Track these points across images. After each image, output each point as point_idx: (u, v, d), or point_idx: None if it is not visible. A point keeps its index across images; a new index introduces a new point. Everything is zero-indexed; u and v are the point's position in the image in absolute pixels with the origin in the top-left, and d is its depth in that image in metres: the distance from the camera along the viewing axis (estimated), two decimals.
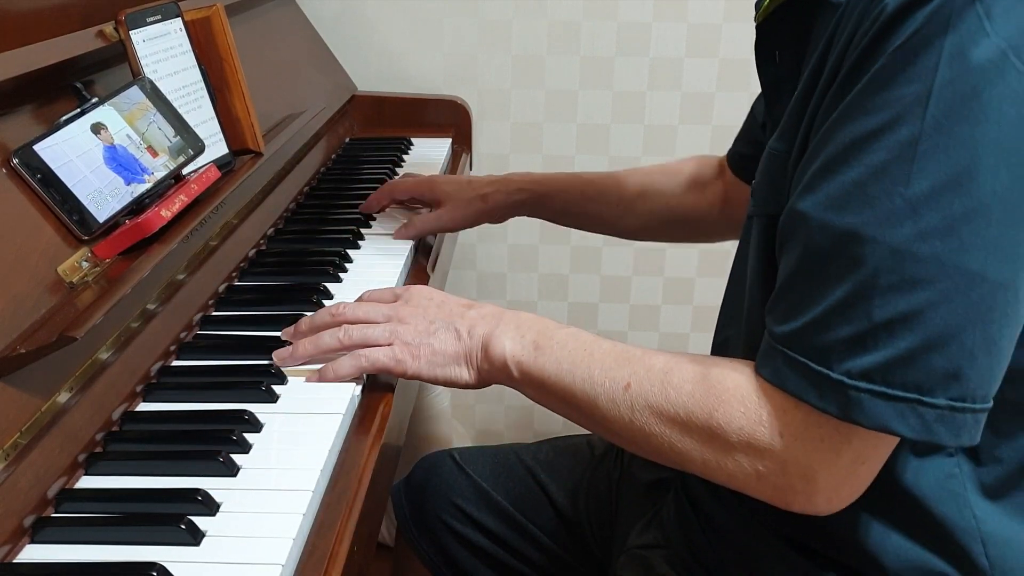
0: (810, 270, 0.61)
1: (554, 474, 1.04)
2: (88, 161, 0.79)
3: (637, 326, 1.86)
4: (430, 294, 0.82)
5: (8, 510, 0.60)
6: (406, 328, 0.78)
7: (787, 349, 0.62)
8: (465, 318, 0.78)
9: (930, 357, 0.57)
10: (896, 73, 0.57)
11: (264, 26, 1.37)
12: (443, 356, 0.77)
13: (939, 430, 0.58)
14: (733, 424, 0.64)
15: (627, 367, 0.70)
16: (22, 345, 0.65)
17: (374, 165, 1.41)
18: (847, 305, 0.58)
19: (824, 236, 0.59)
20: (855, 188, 0.58)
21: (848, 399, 0.58)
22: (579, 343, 0.74)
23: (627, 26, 1.65)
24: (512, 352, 0.75)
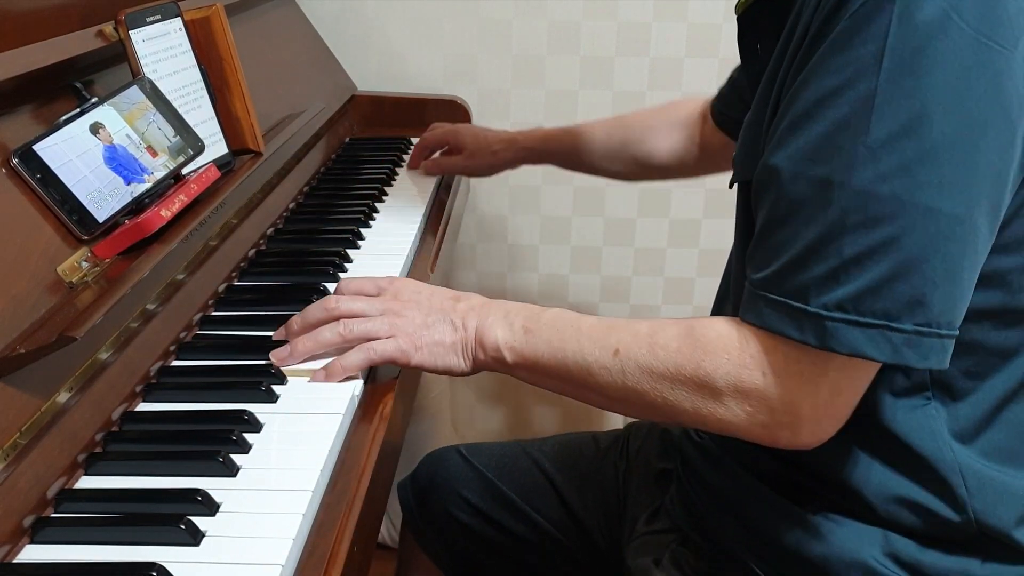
0: (784, 217, 0.66)
1: (560, 466, 1.04)
2: (88, 161, 0.79)
3: None
4: (416, 287, 0.85)
5: (8, 510, 0.60)
6: (405, 321, 0.81)
7: (767, 292, 0.67)
8: (457, 311, 0.82)
9: (896, 286, 0.62)
10: (853, 35, 0.62)
11: (264, 26, 1.37)
12: (442, 347, 0.81)
13: (907, 353, 0.63)
14: (720, 371, 0.68)
15: (614, 335, 0.74)
16: (22, 345, 0.65)
17: (374, 165, 1.41)
18: (820, 244, 0.64)
19: (796, 185, 0.65)
20: (822, 140, 0.64)
21: (824, 329, 0.64)
22: (565, 321, 0.78)
23: (627, 26, 1.65)
24: (504, 339, 0.79)
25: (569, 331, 0.77)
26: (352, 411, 0.78)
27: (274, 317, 0.91)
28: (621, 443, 1.05)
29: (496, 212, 1.78)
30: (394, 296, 0.84)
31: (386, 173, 1.38)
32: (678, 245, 1.79)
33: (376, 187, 1.30)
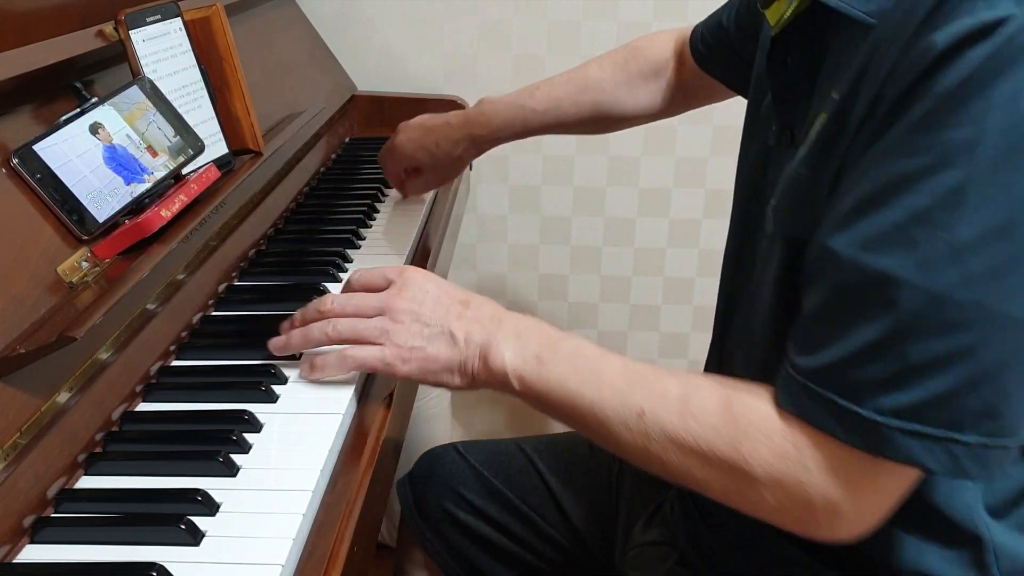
0: (840, 307, 0.59)
1: (553, 467, 1.04)
2: (88, 161, 0.79)
3: (637, 326, 1.86)
4: (425, 283, 0.78)
5: (8, 510, 0.60)
6: (398, 329, 0.75)
7: (812, 383, 0.60)
8: (462, 319, 0.75)
9: (965, 398, 0.56)
10: (944, 115, 0.55)
11: (264, 26, 1.37)
12: (436, 363, 0.74)
13: (969, 466, 0.57)
14: (758, 458, 0.62)
15: (640, 391, 0.67)
16: (22, 345, 0.65)
17: (374, 165, 1.41)
18: (880, 346, 0.57)
19: (856, 275, 0.58)
20: (893, 230, 0.56)
21: (877, 435, 0.58)
22: (585, 360, 0.71)
23: (627, 26, 1.65)
24: (513, 364, 0.72)
25: (588, 374, 0.69)
26: (352, 411, 0.78)
27: (274, 317, 0.90)
28: None
29: (496, 212, 1.78)
30: (399, 292, 0.77)
31: None
32: (678, 245, 1.79)
33: (376, 187, 1.30)
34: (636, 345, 1.87)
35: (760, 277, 0.75)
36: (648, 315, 1.85)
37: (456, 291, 0.78)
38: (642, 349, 1.88)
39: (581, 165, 1.75)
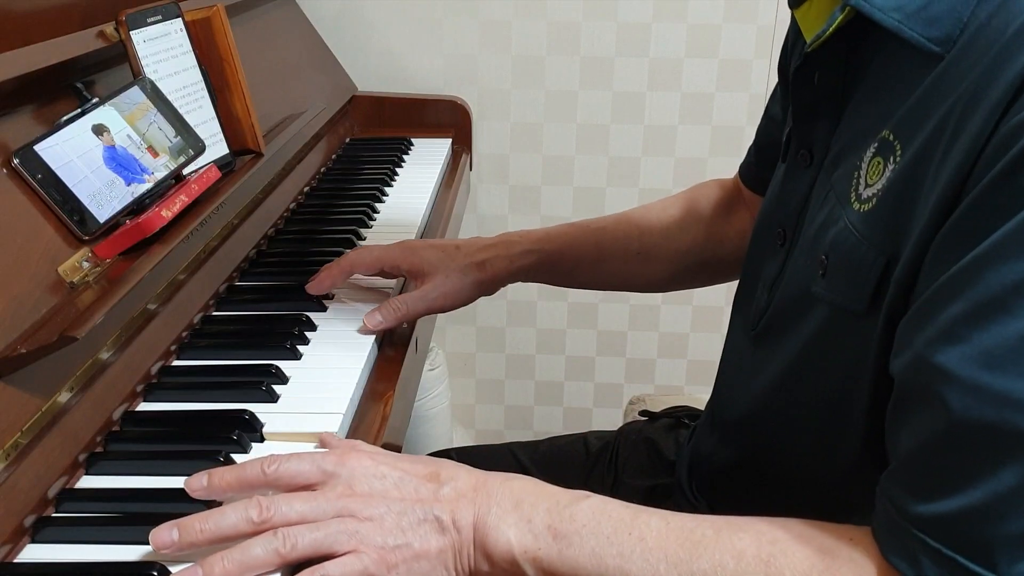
0: (960, 441, 0.48)
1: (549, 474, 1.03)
2: (89, 161, 0.79)
3: (637, 326, 1.86)
4: (375, 467, 0.61)
5: (8, 510, 0.60)
6: (370, 526, 0.58)
7: (929, 537, 0.50)
8: (440, 499, 0.60)
9: None
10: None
11: (264, 26, 1.37)
12: (427, 559, 0.59)
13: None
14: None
15: (705, 556, 0.55)
16: (23, 345, 0.65)
17: (374, 165, 1.42)
18: (1019, 493, 0.47)
19: (982, 402, 0.47)
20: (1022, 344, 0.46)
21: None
22: (616, 523, 0.58)
23: (627, 26, 1.65)
24: (522, 545, 0.58)
25: (627, 540, 0.57)
26: (352, 411, 0.78)
27: (275, 317, 0.91)
28: (611, 451, 1.01)
29: (496, 212, 1.78)
30: (348, 486, 0.60)
31: (386, 173, 1.38)
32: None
33: (376, 187, 1.31)
34: (636, 345, 1.88)
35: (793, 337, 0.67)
36: (648, 315, 1.85)
37: (415, 465, 0.63)
38: (642, 349, 1.88)
39: (581, 165, 1.75)
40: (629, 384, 1.91)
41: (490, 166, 1.75)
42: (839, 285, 0.61)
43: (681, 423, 1.03)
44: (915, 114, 0.55)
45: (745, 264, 0.81)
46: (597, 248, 0.96)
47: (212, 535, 0.57)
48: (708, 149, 1.73)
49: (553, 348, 1.89)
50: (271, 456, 0.61)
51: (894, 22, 0.56)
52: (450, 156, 1.55)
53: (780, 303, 0.72)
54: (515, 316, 1.85)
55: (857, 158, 0.61)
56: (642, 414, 1.09)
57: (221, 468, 0.62)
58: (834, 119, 0.67)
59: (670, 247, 0.98)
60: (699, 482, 0.86)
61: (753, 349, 0.76)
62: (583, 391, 1.93)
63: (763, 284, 0.75)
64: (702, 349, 1.86)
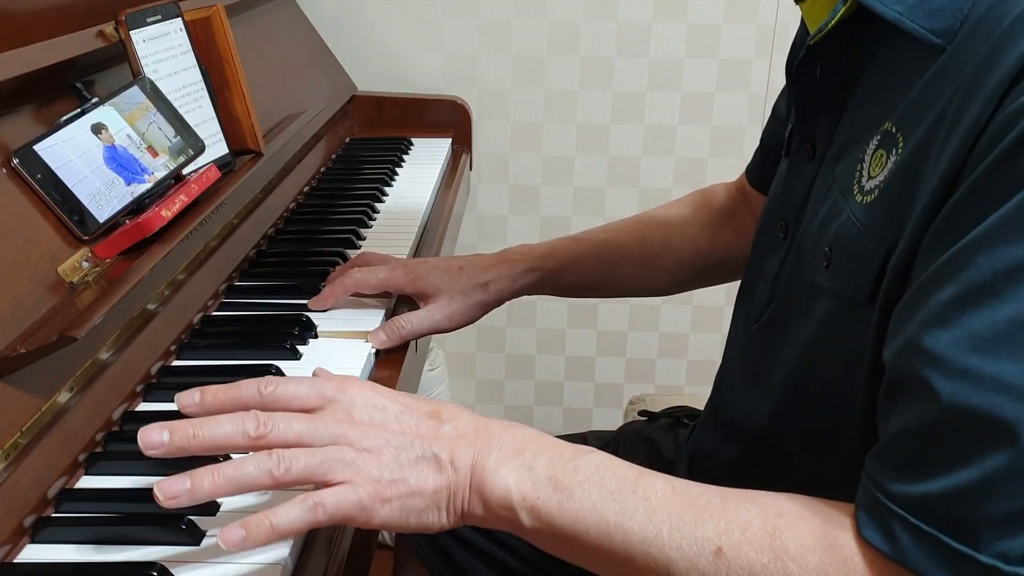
0: (946, 425, 0.48)
1: None
2: (88, 161, 0.79)
3: (637, 326, 1.86)
4: (377, 398, 0.61)
5: (8, 510, 0.60)
6: (367, 458, 0.57)
7: (910, 515, 0.49)
8: (440, 436, 0.59)
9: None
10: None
11: (264, 26, 1.37)
12: (421, 497, 0.57)
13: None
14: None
15: (710, 522, 0.54)
16: (22, 345, 0.65)
17: (374, 165, 1.42)
18: (1004, 474, 0.46)
19: (966, 385, 0.47)
20: (1013, 328, 0.46)
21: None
22: (619, 480, 0.57)
23: (627, 26, 1.65)
24: (520, 491, 0.57)
25: (631, 499, 0.55)
26: None
27: (275, 317, 0.91)
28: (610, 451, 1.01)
29: (496, 212, 1.78)
30: (347, 413, 0.59)
31: (386, 173, 1.38)
32: None
33: (376, 187, 1.31)
34: (636, 345, 1.88)
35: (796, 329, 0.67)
36: (648, 315, 1.85)
37: (417, 402, 0.62)
38: (642, 349, 1.88)
39: (581, 165, 1.75)
40: (629, 384, 1.91)
41: (490, 166, 1.75)
42: (842, 277, 0.61)
43: (680, 423, 1.02)
44: (917, 106, 0.55)
45: (749, 259, 0.81)
46: (599, 261, 0.96)
47: (204, 442, 0.56)
48: (708, 149, 1.72)
49: (553, 348, 1.89)
50: (268, 377, 0.61)
51: (895, 14, 0.56)
52: (450, 156, 1.55)
53: (782, 296, 0.72)
54: (515, 316, 1.85)
55: (860, 151, 0.61)
56: (641, 414, 1.09)
57: (216, 386, 0.60)
58: (836, 113, 0.67)
59: (673, 256, 0.98)
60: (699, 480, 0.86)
61: (755, 344, 0.76)
62: (583, 391, 1.93)
63: (765, 278, 0.76)
64: (702, 349, 1.86)
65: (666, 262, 0.98)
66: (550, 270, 0.94)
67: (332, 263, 1.03)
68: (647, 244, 0.98)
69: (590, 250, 0.96)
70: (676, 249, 0.98)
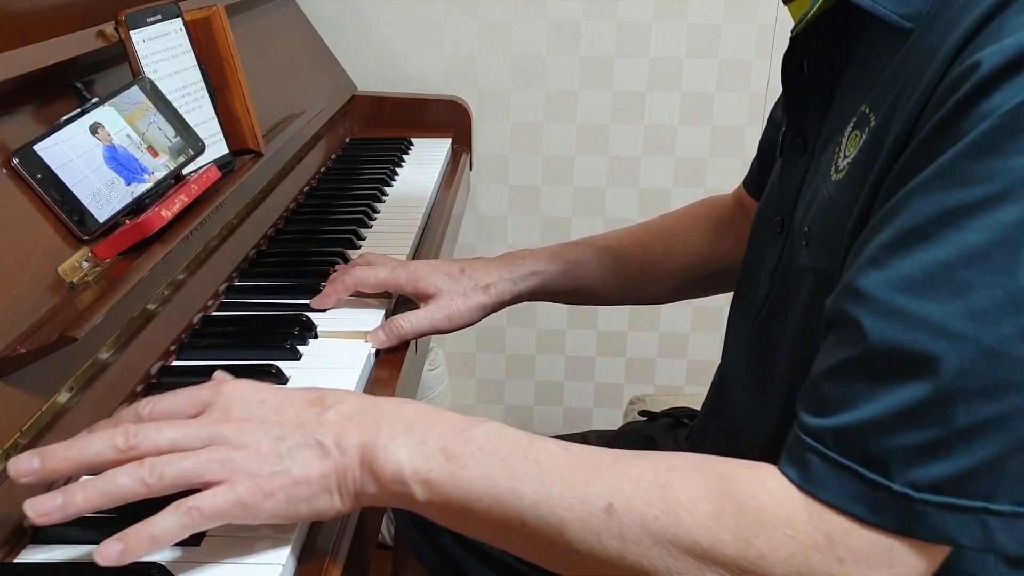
0: (869, 360, 0.50)
1: None
2: (88, 161, 0.79)
3: (637, 326, 1.86)
4: (255, 393, 0.59)
5: (8, 510, 0.60)
6: (244, 454, 0.55)
7: (825, 448, 0.51)
8: (324, 422, 0.57)
9: (1007, 464, 0.49)
10: (1006, 139, 0.47)
11: (264, 26, 1.37)
12: (307, 485, 0.56)
13: (1002, 539, 0.50)
14: (780, 553, 0.50)
15: (602, 480, 0.54)
16: (22, 345, 0.65)
17: (374, 165, 1.42)
18: (921, 407, 0.49)
19: (893, 323, 0.49)
20: (940, 271, 0.48)
21: (910, 513, 0.49)
22: (511, 446, 0.56)
23: (627, 26, 1.65)
24: (413, 464, 0.56)
25: (522, 463, 0.55)
26: None
27: (275, 317, 0.91)
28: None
29: (496, 212, 1.79)
30: (224, 413, 0.58)
31: (386, 173, 1.38)
32: None
33: (376, 187, 1.31)
34: (636, 345, 1.88)
35: (787, 319, 0.69)
36: (648, 315, 1.85)
37: (299, 392, 0.60)
38: (642, 349, 1.88)
39: (581, 165, 1.75)
40: (629, 384, 1.91)
41: (490, 166, 1.75)
42: (819, 253, 0.62)
43: (681, 423, 1.03)
44: (886, 85, 0.58)
45: (746, 257, 0.82)
46: (600, 267, 0.97)
47: (76, 462, 0.55)
48: (708, 149, 1.73)
49: (553, 348, 1.89)
50: (148, 398, 0.59)
51: (868, 1, 0.58)
52: (450, 156, 1.55)
53: (779, 288, 0.73)
54: (515, 316, 1.85)
55: (840, 136, 0.63)
56: (642, 414, 1.09)
57: (102, 420, 0.60)
58: (825, 106, 0.69)
59: (674, 262, 0.99)
60: None
61: (758, 337, 0.76)
62: (583, 391, 1.93)
63: (764, 274, 0.76)
64: (702, 349, 1.86)
65: (667, 268, 0.99)
66: (552, 274, 0.95)
67: (332, 263, 1.03)
68: (648, 250, 0.98)
69: (592, 255, 0.97)
70: (677, 255, 0.98)
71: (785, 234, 0.73)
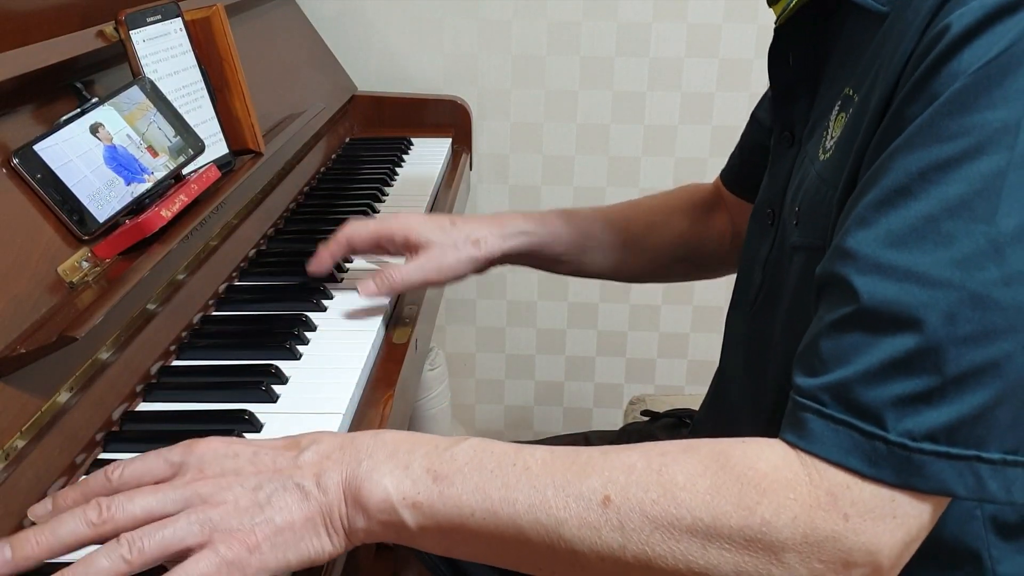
0: (860, 316, 0.51)
1: None
2: (88, 161, 0.79)
3: (637, 326, 1.86)
4: (226, 447, 0.57)
5: (8, 510, 0.60)
6: (223, 510, 0.53)
7: (822, 405, 0.52)
8: (301, 464, 0.56)
9: (998, 411, 0.50)
10: (978, 95, 0.50)
11: (264, 26, 1.37)
12: (291, 531, 0.54)
13: (992, 487, 0.51)
14: (784, 516, 0.50)
15: (594, 474, 0.53)
16: (22, 345, 0.65)
17: (374, 165, 1.42)
18: (912, 356, 0.50)
19: (882, 277, 0.51)
20: (924, 223, 0.50)
21: (908, 463, 0.50)
22: (498, 457, 0.55)
23: (627, 26, 1.65)
24: (400, 491, 0.54)
25: (512, 472, 0.54)
26: (352, 411, 0.78)
27: (275, 317, 0.91)
28: None
29: (496, 212, 1.78)
30: (198, 471, 0.56)
31: (386, 173, 1.38)
32: None
33: (376, 187, 1.31)
34: (636, 345, 1.87)
35: (779, 301, 0.70)
36: (648, 315, 1.85)
37: (272, 440, 0.59)
38: (642, 349, 1.88)
39: (581, 165, 1.75)
40: (629, 384, 1.91)
41: (490, 166, 1.75)
42: (809, 229, 0.64)
43: (683, 423, 1.03)
44: (867, 65, 0.60)
45: (742, 255, 0.83)
46: (584, 238, 0.98)
47: (50, 547, 0.52)
48: (708, 149, 1.72)
49: (553, 348, 1.89)
50: (115, 463, 0.57)
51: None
52: (450, 156, 1.55)
53: (771, 276, 0.74)
54: (515, 316, 1.85)
55: (826, 120, 0.65)
56: (644, 414, 1.09)
57: (65, 488, 0.58)
58: (810, 96, 0.70)
59: (653, 242, 1.01)
60: None
61: (754, 327, 0.77)
62: (583, 391, 1.93)
63: (758, 265, 0.77)
64: (702, 349, 1.86)
65: (648, 245, 1.01)
66: (539, 236, 0.96)
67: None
68: (632, 224, 1.01)
69: (576, 226, 0.98)
70: (658, 234, 1.01)
71: (776, 224, 0.74)
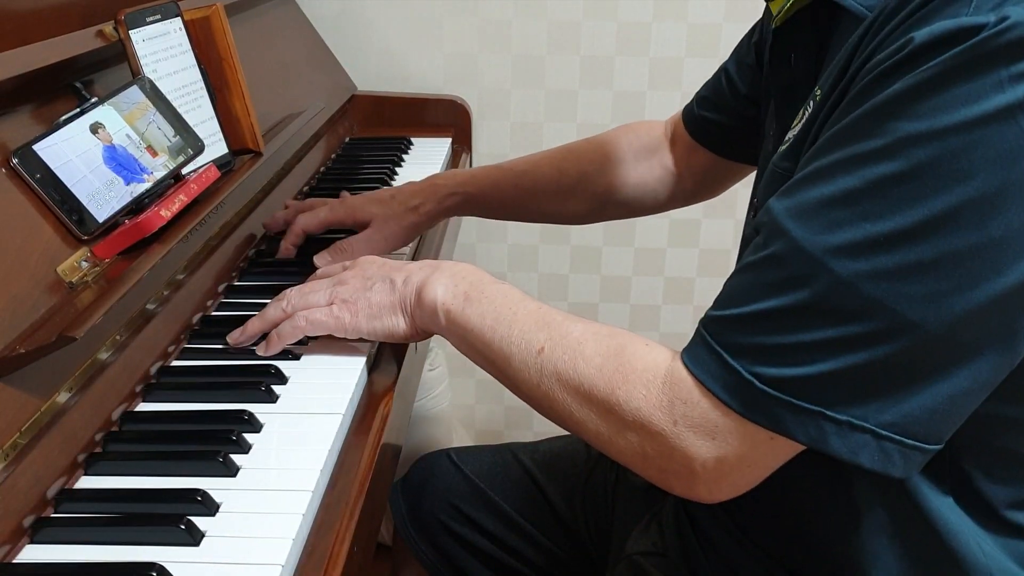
0: (757, 266, 0.60)
1: (551, 476, 1.03)
2: (88, 161, 0.79)
3: (637, 326, 1.86)
4: (375, 258, 0.85)
5: (7, 510, 0.60)
6: (344, 287, 0.81)
7: (708, 334, 0.62)
8: (402, 270, 0.81)
9: (841, 381, 0.57)
10: (903, 106, 0.54)
11: (264, 26, 1.37)
12: (379, 307, 0.80)
13: (834, 442, 0.57)
14: (631, 404, 0.64)
15: (544, 331, 0.70)
16: (22, 345, 0.65)
17: (374, 165, 1.41)
18: (778, 316, 0.58)
19: (779, 241, 0.58)
20: (821, 206, 0.57)
21: (754, 399, 0.59)
22: (507, 301, 0.74)
23: (627, 26, 1.65)
24: (443, 299, 0.76)
25: (505, 312, 0.73)
26: (352, 411, 0.78)
27: None
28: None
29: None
30: (351, 267, 0.84)
31: (386, 173, 1.38)
32: (678, 245, 1.79)
33: (376, 187, 1.30)
34: None
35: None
36: (648, 315, 1.85)
37: (410, 262, 0.83)
38: None
39: None
40: None
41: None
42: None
43: None
44: (836, 64, 0.63)
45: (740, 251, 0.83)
46: (517, 189, 1.11)
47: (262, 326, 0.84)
48: None
49: None
50: (284, 292, 0.85)
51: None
52: (450, 156, 1.55)
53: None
54: None
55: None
56: None
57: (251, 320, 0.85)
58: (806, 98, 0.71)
59: (587, 188, 1.11)
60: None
61: None
62: None
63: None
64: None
65: (580, 193, 1.12)
66: (471, 194, 1.10)
67: None
68: (564, 175, 1.11)
69: (509, 179, 1.11)
70: (591, 183, 1.11)
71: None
